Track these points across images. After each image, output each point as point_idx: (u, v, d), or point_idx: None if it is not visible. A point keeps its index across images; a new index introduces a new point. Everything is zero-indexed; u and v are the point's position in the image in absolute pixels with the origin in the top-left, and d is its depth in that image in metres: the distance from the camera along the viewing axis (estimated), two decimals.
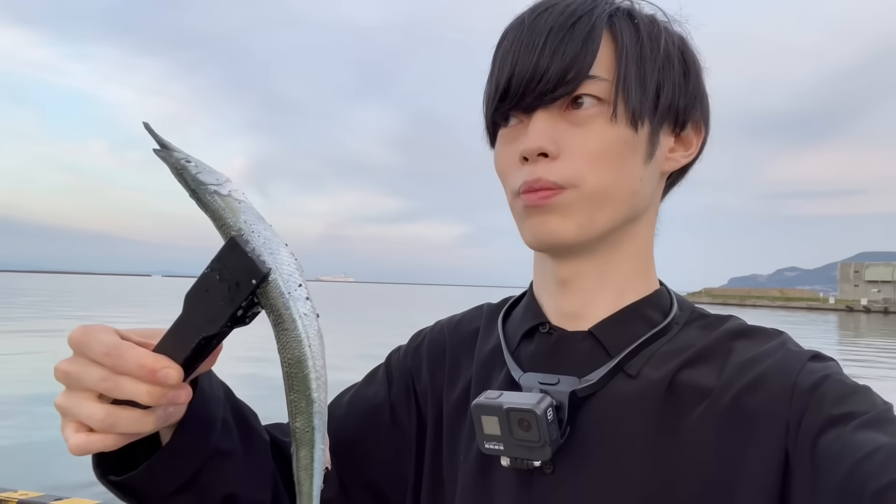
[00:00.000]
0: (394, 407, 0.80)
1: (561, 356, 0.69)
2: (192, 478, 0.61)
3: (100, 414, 0.51)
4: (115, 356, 0.50)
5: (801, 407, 0.57)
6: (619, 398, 0.65)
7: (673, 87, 0.67)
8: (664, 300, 0.72)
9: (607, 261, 0.69)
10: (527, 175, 0.65)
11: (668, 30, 0.69)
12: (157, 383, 0.50)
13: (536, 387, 0.66)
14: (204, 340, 0.51)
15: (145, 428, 0.53)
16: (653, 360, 0.66)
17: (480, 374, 0.75)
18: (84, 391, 0.52)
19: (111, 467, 0.59)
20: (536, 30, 0.65)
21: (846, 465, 0.50)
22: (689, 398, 0.63)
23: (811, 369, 0.60)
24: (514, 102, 0.66)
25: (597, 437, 0.64)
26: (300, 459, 0.53)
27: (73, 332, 0.53)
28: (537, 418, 0.61)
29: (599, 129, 0.64)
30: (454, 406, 0.76)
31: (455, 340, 0.82)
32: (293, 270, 0.51)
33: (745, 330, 0.68)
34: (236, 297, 0.49)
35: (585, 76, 0.63)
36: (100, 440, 0.52)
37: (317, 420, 0.52)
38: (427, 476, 0.77)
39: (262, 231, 0.52)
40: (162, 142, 0.54)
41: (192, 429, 0.60)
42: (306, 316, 0.51)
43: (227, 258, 0.50)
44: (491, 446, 0.64)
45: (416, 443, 0.78)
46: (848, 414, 0.54)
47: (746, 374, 0.62)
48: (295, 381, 0.51)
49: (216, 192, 0.52)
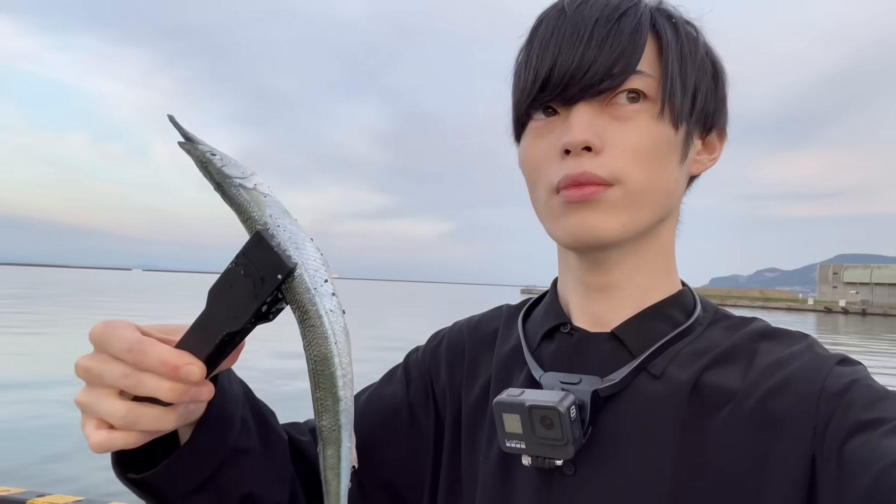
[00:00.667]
0: (412, 407, 0.79)
1: (582, 356, 0.69)
2: (210, 476, 0.60)
3: (121, 411, 0.51)
4: (137, 352, 0.50)
5: (829, 411, 0.56)
6: (643, 398, 0.64)
7: (706, 91, 0.68)
8: (687, 300, 0.71)
9: (635, 262, 0.69)
10: (570, 169, 0.63)
11: (697, 31, 0.69)
12: (180, 380, 0.50)
13: (558, 386, 0.65)
14: (227, 337, 0.51)
15: (167, 425, 0.53)
16: (677, 359, 0.65)
17: (500, 373, 0.75)
18: (105, 388, 0.52)
19: (131, 465, 0.59)
20: (580, 20, 0.63)
21: (874, 471, 0.49)
22: (714, 399, 0.62)
23: (839, 373, 0.59)
24: (555, 93, 0.64)
25: (620, 438, 0.63)
26: (327, 458, 0.52)
27: (95, 327, 0.52)
28: (560, 416, 0.59)
29: (645, 126, 0.63)
30: (473, 406, 0.76)
31: (474, 341, 0.81)
32: (319, 266, 0.51)
33: (770, 332, 0.67)
34: (261, 292, 0.49)
35: (633, 71, 0.62)
36: (121, 437, 0.52)
37: (343, 418, 0.51)
38: (444, 476, 0.76)
39: (288, 225, 0.51)
40: (187, 134, 0.53)
41: (211, 427, 0.59)
42: (332, 312, 0.50)
43: (253, 253, 0.49)
44: (512, 444, 0.63)
45: (434, 443, 0.78)
46: (876, 419, 0.53)
47: (773, 377, 0.61)
48: (321, 378, 0.50)
49: (241, 185, 0.51)
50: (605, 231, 0.64)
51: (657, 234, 0.69)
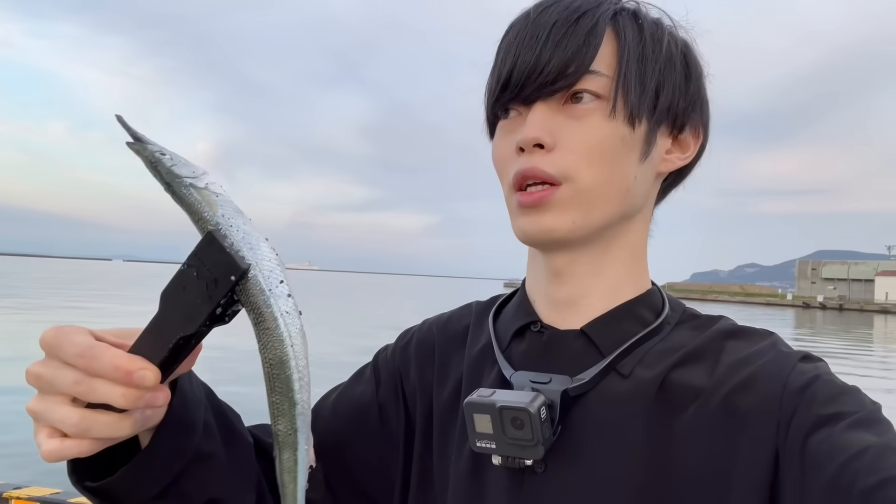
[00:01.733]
0: (382, 407, 0.79)
1: (553, 355, 0.69)
2: (172, 482, 0.58)
3: (73, 418, 0.49)
4: (88, 358, 0.48)
5: (792, 407, 0.57)
6: (611, 397, 0.64)
7: (673, 89, 0.68)
8: (656, 300, 0.72)
9: (600, 257, 0.70)
10: (521, 164, 0.65)
11: (671, 33, 0.70)
12: (133, 385, 0.48)
13: (528, 385, 0.66)
14: (182, 340, 0.49)
15: (122, 432, 0.51)
16: (645, 359, 0.66)
17: (471, 372, 0.75)
18: (57, 395, 0.50)
19: (87, 472, 0.57)
20: (540, 24, 0.65)
21: (835, 465, 0.50)
22: (680, 398, 0.63)
23: (802, 370, 0.60)
24: (514, 94, 0.66)
25: (588, 437, 0.64)
26: (283, 462, 0.51)
27: (45, 333, 0.51)
28: (531, 417, 0.60)
29: (596, 124, 0.65)
30: (444, 405, 0.76)
31: (444, 339, 0.81)
32: (274, 266, 0.49)
33: (736, 330, 0.68)
34: (214, 294, 0.48)
35: (586, 70, 0.64)
36: (74, 446, 0.50)
37: (300, 422, 0.50)
38: (415, 476, 0.76)
39: (241, 225, 0.50)
40: (135, 134, 0.52)
41: (172, 431, 0.57)
42: (288, 314, 0.49)
43: (205, 254, 0.48)
44: (483, 444, 0.64)
45: (405, 443, 0.78)
46: (837, 414, 0.54)
47: (737, 374, 0.62)
48: (277, 382, 0.49)
49: (192, 184, 0.50)
50: (554, 230, 0.65)
51: (624, 233, 0.70)
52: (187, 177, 0.50)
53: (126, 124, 0.52)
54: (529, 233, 0.67)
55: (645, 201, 0.71)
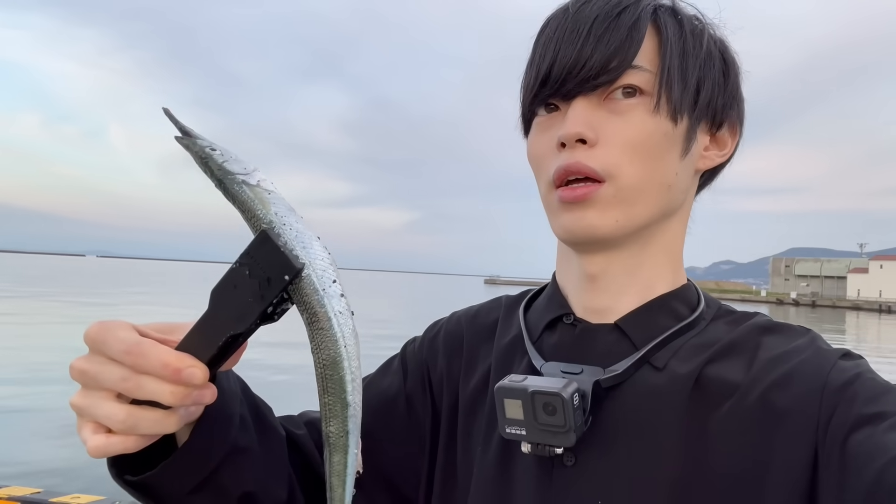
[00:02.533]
0: (409, 398, 0.79)
1: (585, 347, 0.68)
2: (209, 476, 0.58)
3: (120, 415, 0.49)
4: (136, 354, 0.48)
5: (832, 405, 0.56)
6: (645, 390, 0.63)
7: (712, 86, 0.67)
8: (691, 295, 0.71)
9: (638, 256, 0.69)
10: (563, 160, 0.64)
11: (710, 28, 0.69)
12: (182, 383, 0.48)
13: (559, 375, 0.65)
14: (231, 339, 0.49)
15: (168, 429, 0.51)
16: (680, 353, 0.65)
17: (500, 363, 0.74)
18: (102, 390, 0.50)
19: (127, 465, 0.57)
20: (581, 18, 0.64)
21: (878, 465, 0.49)
22: (716, 393, 0.62)
23: (842, 368, 0.59)
24: (554, 88, 0.65)
25: (620, 429, 0.63)
26: (333, 465, 0.50)
27: (90, 328, 0.50)
28: (563, 402, 0.59)
29: (640, 120, 0.64)
30: (471, 396, 0.75)
31: (473, 331, 0.81)
32: (327, 265, 0.49)
33: (772, 326, 0.67)
34: (267, 293, 0.47)
35: (629, 65, 0.63)
36: (120, 442, 0.50)
37: (351, 424, 0.49)
38: (440, 467, 0.75)
39: (294, 223, 0.49)
40: (184, 128, 0.51)
41: (210, 426, 0.57)
42: (341, 314, 0.49)
43: (258, 252, 0.48)
44: (512, 430, 0.62)
45: (431, 434, 0.77)
46: (880, 413, 0.53)
47: (775, 371, 0.61)
48: (330, 383, 0.48)
49: (244, 181, 0.49)
50: (599, 228, 0.64)
51: (662, 230, 0.69)
52: (239, 173, 0.50)
53: (174, 117, 0.50)
54: (572, 230, 0.65)
55: (684, 198, 0.70)
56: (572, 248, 0.71)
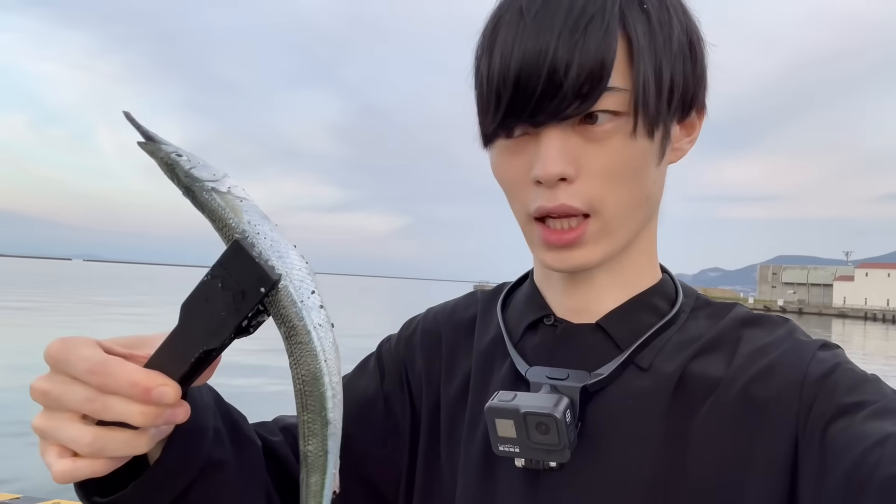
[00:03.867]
0: (387, 399, 0.76)
1: (567, 349, 0.67)
2: (183, 493, 0.55)
3: (87, 437, 0.46)
4: (101, 374, 0.45)
5: (812, 396, 0.56)
6: (631, 392, 0.63)
7: (683, 77, 0.62)
8: (669, 288, 0.71)
9: (619, 261, 0.67)
10: (545, 201, 0.60)
11: (673, 5, 0.63)
12: (152, 403, 0.45)
13: (545, 382, 0.63)
14: (203, 354, 0.46)
15: (138, 450, 0.48)
16: (664, 351, 0.65)
17: (481, 365, 0.72)
18: (66, 412, 0.46)
19: (94, 486, 0.53)
20: (543, 28, 0.56)
21: (856, 453, 0.49)
22: (699, 390, 0.62)
23: (821, 358, 0.59)
24: (522, 118, 0.59)
25: (607, 433, 0.62)
26: (310, 486, 0.48)
27: (51, 345, 0.47)
28: (556, 422, 0.58)
29: (618, 146, 0.59)
30: (452, 398, 0.73)
31: (450, 329, 0.78)
32: (304, 275, 0.46)
33: (752, 318, 0.67)
34: (242, 306, 0.45)
35: (604, 89, 0.57)
36: (88, 466, 0.46)
37: (331, 443, 0.47)
38: (421, 469, 0.73)
39: (269, 232, 0.46)
40: (147, 133, 0.48)
41: (183, 442, 0.54)
42: (321, 327, 0.46)
43: (231, 264, 0.45)
44: (506, 448, 0.61)
45: (410, 435, 0.75)
46: (858, 403, 0.53)
47: (756, 364, 0.61)
48: (309, 399, 0.46)
49: (214, 189, 0.47)
50: (588, 264, 0.63)
51: (642, 235, 0.68)
52: (208, 180, 0.47)
53: (135, 122, 0.48)
54: (559, 268, 0.64)
55: (660, 197, 0.68)
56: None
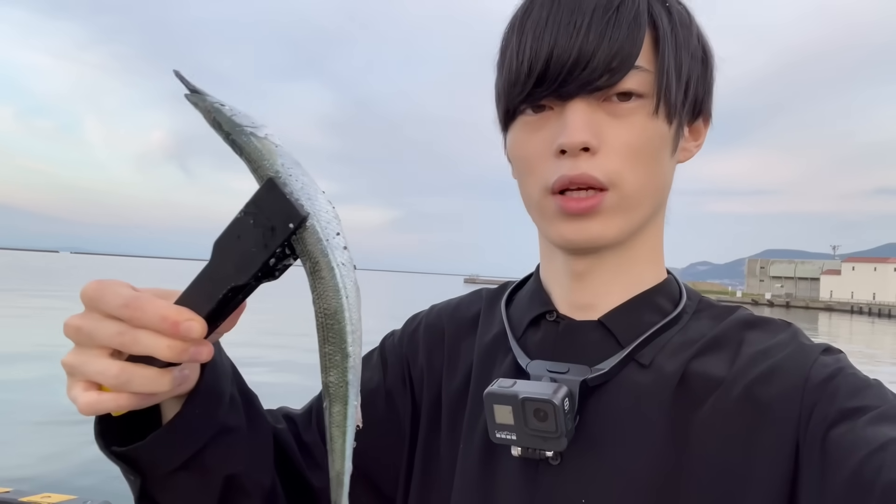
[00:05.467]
0: (389, 394, 0.77)
1: (569, 345, 0.67)
2: (197, 453, 0.57)
3: (113, 370, 0.48)
4: (133, 308, 0.47)
5: (814, 400, 0.56)
6: (631, 388, 0.63)
7: (697, 79, 0.65)
8: (673, 289, 0.71)
9: (625, 254, 0.68)
10: (567, 169, 0.61)
11: (690, 15, 0.66)
12: (180, 337, 0.47)
13: (545, 375, 0.64)
14: (231, 292, 0.49)
15: (161, 388, 0.49)
16: (665, 349, 0.65)
17: (483, 359, 0.73)
18: (96, 348, 0.49)
19: (115, 438, 0.56)
20: (577, 8, 0.60)
21: (857, 458, 0.49)
22: (700, 389, 0.62)
23: (823, 363, 0.59)
24: (551, 88, 0.61)
25: (606, 428, 0.62)
26: (333, 415, 0.50)
27: (87, 285, 0.49)
28: (555, 408, 0.58)
29: (640, 124, 0.61)
30: (454, 392, 0.74)
31: (454, 325, 0.79)
32: (331, 218, 0.49)
33: (755, 321, 0.67)
34: (271, 242, 0.47)
35: (632, 66, 0.59)
36: (112, 399, 0.48)
37: (351, 375, 0.49)
38: (419, 463, 0.74)
39: (300, 176, 0.49)
40: (193, 87, 0.52)
41: (202, 400, 0.56)
42: (344, 266, 0.48)
43: (264, 201, 0.47)
44: (503, 435, 0.62)
45: (410, 430, 0.76)
46: (860, 408, 0.53)
47: (758, 366, 0.61)
48: (330, 333, 0.48)
49: (252, 133, 0.50)
50: (602, 238, 0.63)
51: (649, 226, 0.69)
52: (247, 126, 0.50)
53: (183, 78, 0.52)
54: (574, 240, 0.64)
55: (668, 192, 0.70)
56: (565, 252, 0.69)
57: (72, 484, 5.42)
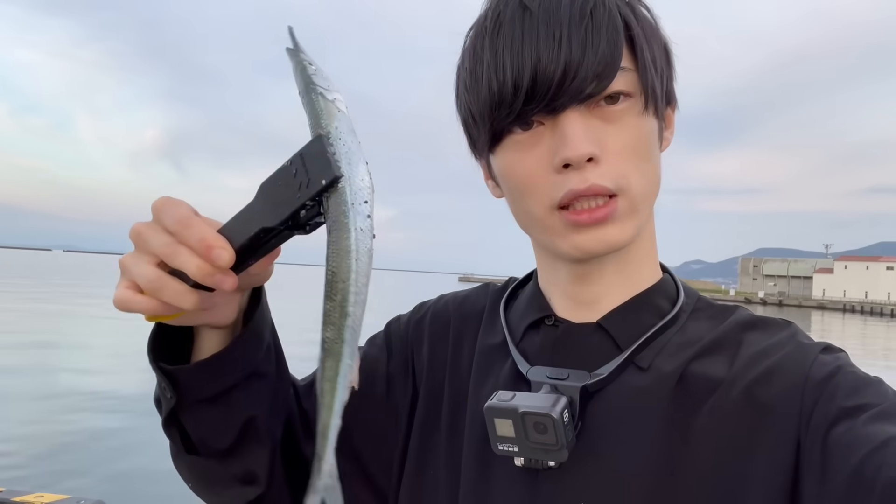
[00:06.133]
0: (390, 379, 0.78)
1: (568, 349, 0.68)
2: (228, 389, 0.62)
3: (151, 275, 0.53)
4: (183, 225, 0.52)
5: (814, 399, 0.56)
6: (630, 392, 0.63)
7: (663, 69, 0.66)
8: (670, 288, 0.71)
9: (626, 253, 0.68)
10: (575, 183, 0.60)
11: (643, 3, 0.66)
12: (209, 260, 0.51)
13: (545, 381, 0.64)
14: (262, 232, 0.53)
15: (186, 304, 0.54)
16: (664, 351, 0.65)
17: (482, 363, 0.73)
18: (147, 254, 0.54)
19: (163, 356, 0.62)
20: (552, 19, 0.59)
21: (858, 456, 0.49)
22: (700, 390, 0.62)
23: (823, 361, 0.59)
24: (542, 104, 0.59)
25: (606, 432, 0.62)
26: (325, 370, 0.51)
27: (157, 200, 0.55)
28: (554, 422, 0.59)
29: (633, 124, 0.62)
30: (455, 393, 0.74)
31: (459, 318, 0.80)
32: (364, 186, 0.51)
33: (754, 321, 0.66)
34: (303, 193, 0.50)
35: (618, 69, 0.59)
36: (142, 302, 0.54)
37: (347, 334, 0.50)
38: (413, 453, 0.74)
39: (349, 142, 0.52)
40: (295, 43, 0.56)
41: (246, 341, 0.63)
42: (362, 231, 0.50)
43: (308, 155, 0.51)
44: (505, 448, 0.62)
45: (407, 419, 0.76)
46: (860, 406, 0.53)
47: (758, 366, 0.61)
48: (333, 290, 0.50)
49: (322, 94, 0.53)
50: (619, 243, 0.63)
51: (646, 225, 0.68)
52: (321, 87, 0.54)
53: (293, 35, 0.56)
54: (592, 250, 0.63)
55: (658, 188, 0.69)
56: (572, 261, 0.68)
57: (65, 484, 5.40)
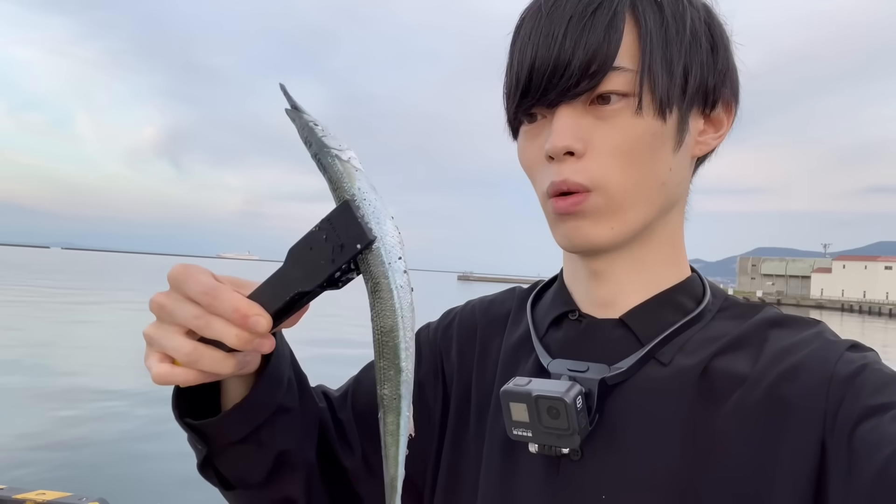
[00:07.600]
0: (421, 385, 0.79)
1: (590, 343, 0.68)
2: (256, 429, 0.64)
3: (187, 348, 0.53)
4: (212, 296, 0.52)
5: (839, 397, 0.55)
6: (650, 386, 0.63)
7: (701, 68, 0.65)
8: (696, 287, 0.71)
9: (640, 253, 0.68)
10: (553, 175, 0.63)
11: (692, 3, 0.66)
12: (247, 329, 0.52)
13: (566, 374, 0.66)
14: (297, 296, 0.54)
15: (225, 370, 0.55)
16: (686, 347, 0.65)
17: (508, 358, 0.75)
18: (174, 325, 0.54)
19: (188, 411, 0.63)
20: (556, 18, 0.62)
21: (884, 455, 0.49)
22: (722, 386, 0.61)
23: (849, 359, 0.58)
24: (536, 98, 0.64)
25: (626, 425, 0.63)
26: (387, 425, 0.53)
27: (173, 268, 0.55)
28: (566, 406, 0.60)
29: (625, 124, 0.62)
30: (481, 388, 0.76)
31: (486, 322, 0.82)
32: (395, 243, 0.53)
33: (781, 319, 0.66)
34: (338, 258, 0.52)
35: (609, 68, 0.60)
36: (182, 374, 0.54)
37: (404, 389, 0.53)
38: (447, 458, 0.76)
39: (373, 201, 0.53)
40: (295, 103, 0.56)
41: (265, 384, 0.63)
42: (402, 288, 0.52)
43: (338, 220, 0.52)
44: (519, 433, 0.64)
45: (440, 423, 0.78)
46: (887, 404, 0.52)
47: (782, 363, 0.60)
48: (385, 349, 0.52)
49: (337, 156, 0.54)
50: (594, 238, 0.64)
51: (662, 224, 0.68)
52: (334, 148, 0.54)
53: (287, 93, 0.56)
54: (573, 239, 0.66)
55: (682, 189, 0.70)
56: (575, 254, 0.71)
57: (67, 482, 5.40)
